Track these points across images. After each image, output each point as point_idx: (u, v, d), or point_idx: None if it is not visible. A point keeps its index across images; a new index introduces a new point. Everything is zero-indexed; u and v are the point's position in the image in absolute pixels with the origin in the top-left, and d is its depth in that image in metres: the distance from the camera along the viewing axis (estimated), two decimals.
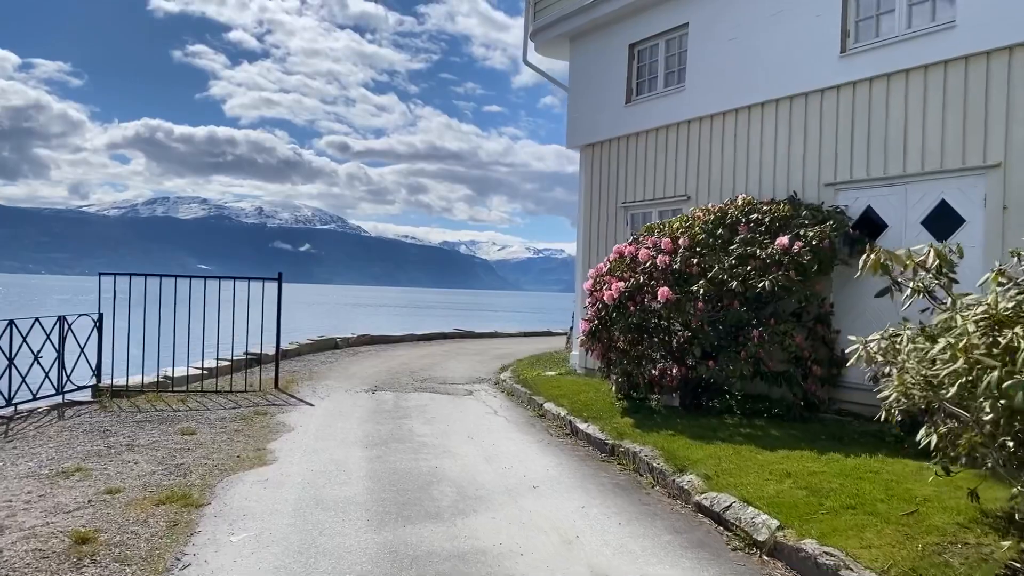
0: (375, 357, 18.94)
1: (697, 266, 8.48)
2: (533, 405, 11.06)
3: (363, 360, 18.10)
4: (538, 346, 24.27)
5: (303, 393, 12.12)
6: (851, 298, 8.99)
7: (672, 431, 8.15)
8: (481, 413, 10.69)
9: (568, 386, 11.74)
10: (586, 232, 13.13)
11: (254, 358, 16.15)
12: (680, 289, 8.42)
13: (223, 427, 9.34)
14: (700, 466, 6.66)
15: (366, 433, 9.08)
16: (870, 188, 8.84)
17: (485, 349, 22.62)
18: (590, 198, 13.05)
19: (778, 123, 9.91)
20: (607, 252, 12.18)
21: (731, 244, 8.70)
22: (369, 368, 16.28)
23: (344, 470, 7.30)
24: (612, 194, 12.54)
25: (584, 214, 13.19)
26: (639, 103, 12.14)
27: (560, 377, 12.87)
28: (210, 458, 7.74)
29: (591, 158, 13.07)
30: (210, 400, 11.30)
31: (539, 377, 12.96)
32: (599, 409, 9.59)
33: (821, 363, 8.71)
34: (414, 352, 20.90)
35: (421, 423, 9.79)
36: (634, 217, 12.21)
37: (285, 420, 9.84)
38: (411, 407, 11.04)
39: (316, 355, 18.96)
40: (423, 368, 16.63)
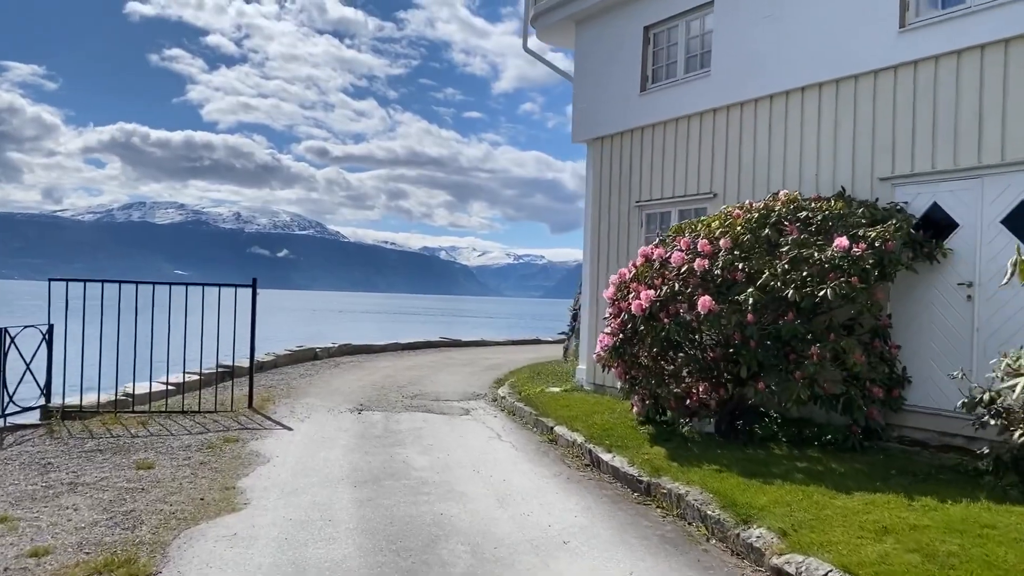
0: (358, 369, 17.62)
1: (743, 271, 7.28)
2: (541, 428, 9.82)
3: (345, 373, 16.76)
4: (530, 356, 23.03)
5: (280, 414, 10.79)
6: (911, 308, 7.83)
7: (716, 465, 6.93)
8: (483, 438, 9.42)
9: (578, 405, 10.50)
10: (594, 234, 11.91)
11: (226, 371, 14.81)
12: (723, 298, 7.21)
13: (187, 458, 8.01)
14: (768, 516, 5.44)
15: (354, 466, 7.78)
16: (936, 182, 7.69)
17: (474, 359, 21.35)
18: (599, 197, 11.84)
19: (822, 110, 8.75)
20: (619, 255, 11.00)
21: (778, 247, 7.51)
22: (352, 382, 14.96)
23: (330, 519, 6.00)
24: (625, 192, 11.34)
25: (592, 214, 11.98)
26: (656, 91, 10.96)
27: (567, 394, 11.63)
28: (168, 501, 6.42)
29: (600, 153, 11.86)
30: (174, 423, 9.94)
31: (543, 394, 11.71)
32: (621, 435, 8.35)
33: (879, 383, 7.54)
34: (399, 363, 19.59)
35: (417, 452, 8.51)
36: (650, 217, 11.02)
37: (259, 449, 8.52)
38: (403, 431, 9.75)
39: (294, 367, 17.61)
40: (411, 382, 15.34)
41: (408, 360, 20.53)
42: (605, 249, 11.65)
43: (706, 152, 10.10)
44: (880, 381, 7.55)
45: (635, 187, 11.15)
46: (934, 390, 7.60)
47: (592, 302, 11.84)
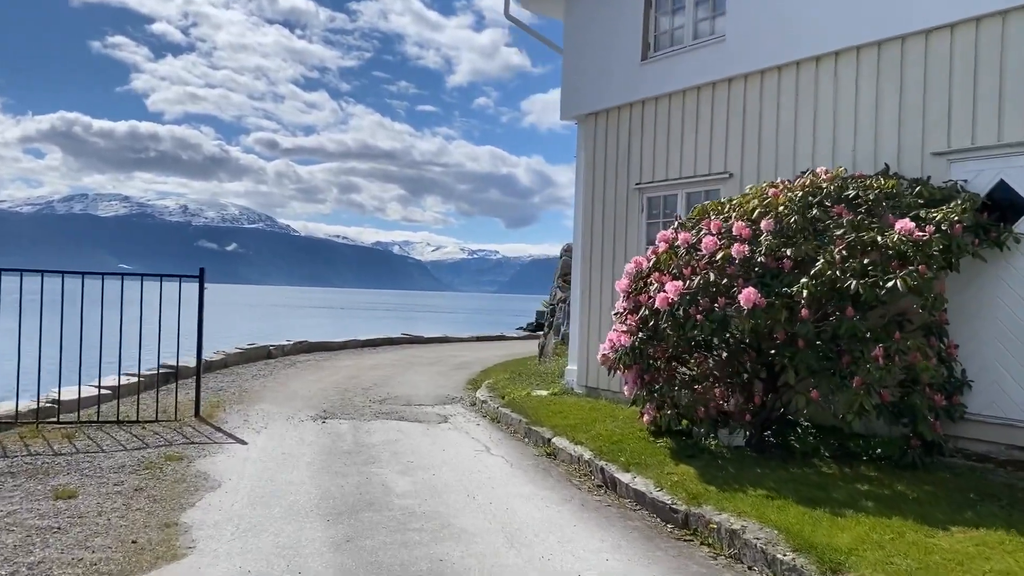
0: (317, 369, 16.21)
1: (791, 259, 6.14)
2: (535, 439, 8.61)
3: (303, 373, 15.36)
4: (499, 353, 21.84)
5: (232, 423, 9.40)
6: (971, 302, 6.81)
7: (763, 489, 5.80)
8: (470, 452, 8.18)
9: (574, 412, 9.33)
10: (587, 221, 10.72)
11: (170, 373, 13.33)
12: (767, 290, 6.07)
13: (119, 483, 6.62)
14: (862, 563, 4.31)
15: (324, 492, 6.47)
16: (1003, 157, 6.66)
17: (441, 357, 20.08)
18: (592, 179, 10.64)
19: (860, 76, 7.68)
20: (616, 244, 9.85)
21: (823, 231, 6.40)
22: (312, 384, 13.58)
23: (299, 571, 4.71)
24: (622, 174, 10.16)
25: (584, 200, 10.78)
26: (659, 60, 9.79)
27: (557, 399, 10.43)
28: (90, 545, 5.06)
29: (593, 131, 10.66)
30: (107, 435, 8.49)
31: (530, 399, 10.51)
32: (636, 450, 7.18)
33: (939, 388, 6.49)
34: (361, 361, 18.22)
35: (397, 471, 7.22)
36: (652, 201, 9.86)
37: (208, 469, 7.15)
38: (377, 444, 8.45)
39: (246, 367, 16.13)
40: (377, 383, 14.01)
41: (370, 358, 19.16)
42: (599, 237, 10.47)
43: (719, 127, 8.98)
44: (940, 386, 6.50)
45: (634, 168, 9.98)
46: (1000, 397, 6.59)
47: (584, 296, 10.68)
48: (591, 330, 10.50)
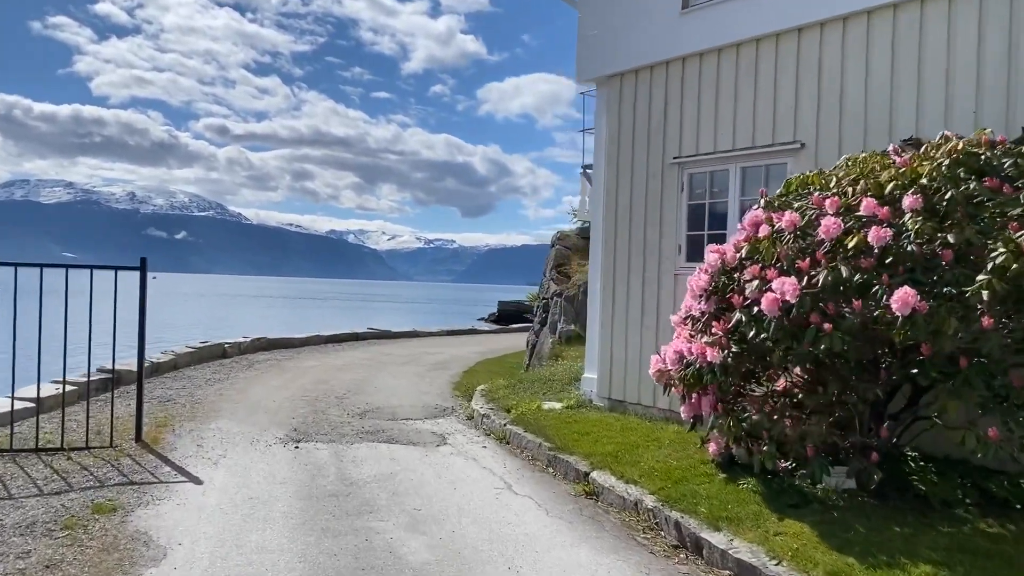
0: (279, 371, 14.33)
1: (952, 246, 4.54)
2: (562, 469, 6.94)
3: (264, 376, 13.47)
4: (475, 350, 20.15)
5: (183, 450, 7.56)
6: None
7: (926, 563, 4.21)
8: (488, 491, 6.47)
9: (603, 432, 7.68)
10: (609, 202, 9.03)
11: (109, 377, 11.42)
12: (923, 290, 4.46)
13: (24, 550, 4.80)
14: None
15: (310, 566, 4.71)
16: None
17: (415, 355, 18.30)
18: (616, 154, 8.95)
19: (985, 18, 6.12)
20: (647, 228, 8.23)
21: (985, 209, 4.82)
22: (276, 391, 11.73)
23: None
24: (656, 146, 8.50)
25: (607, 177, 9.08)
26: (705, 8, 8.11)
27: (575, 413, 8.77)
28: None
29: (619, 95, 8.95)
30: (20, 471, 6.61)
31: (543, 414, 8.82)
32: (712, 494, 5.54)
33: None
34: (328, 361, 16.36)
35: (403, 526, 5.48)
36: (694, 179, 8.22)
37: (150, 526, 5.34)
38: (368, 479, 6.69)
39: (199, 369, 14.19)
40: (351, 389, 12.22)
41: (337, 357, 17.31)
42: (625, 222, 8.80)
43: (786, 88, 7.35)
44: None
45: (672, 139, 8.33)
46: None
47: (606, 292, 9.01)
48: (615, 333, 8.86)
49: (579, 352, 12.64)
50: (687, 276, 8.07)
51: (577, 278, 13.88)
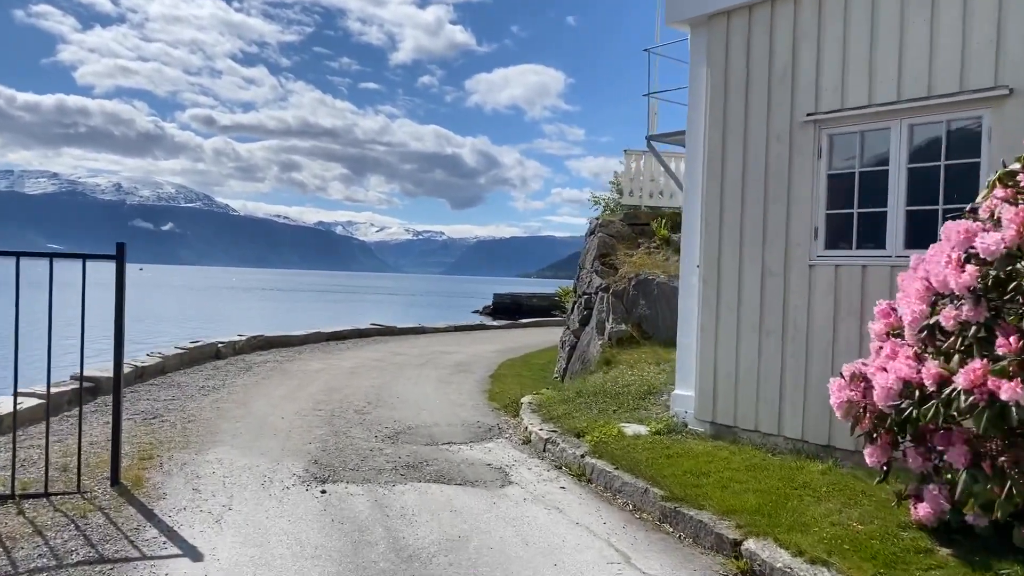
0: (282, 375, 12.47)
1: None
2: (689, 529, 5.11)
3: (266, 382, 11.61)
4: (492, 348, 18.35)
5: (174, 497, 5.69)
6: None
7: None
8: (600, 566, 4.64)
9: (729, 473, 5.87)
10: (713, 176, 7.14)
11: (88, 386, 9.62)
12: None
13: None
14: None
15: None
16: None
17: (430, 355, 16.48)
18: (724, 113, 7.06)
19: None
20: (767, 206, 6.48)
21: None
22: (283, 403, 9.88)
23: None
24: (781, 100, 6.62)
25: (709, 145, 7.18)
26: None
27: (671, 441, 6.91)
28: None
29: (727, 37, 7.05)
30: None
31: (627, 441, 6.97)
32: None
33: None
34: (335, 363, 14.50)
35: None
36: (836, 141, 6.35)
37: None
38: (430, 548, 4.83)
39: (190, 373, 12.32)
40: (371, 400, 10.40)
41: (344, 358, 15.46)
42: (736, 199, 6.92)
43: (984, 10, 5.49)
44: None
45: (805, 89, 6.46)
46: None
47: (709, 290, 7.14)
48: (721, 340, 7.02)
49: (634, 357, 10.83)
50: (826, 268, 6.28)
51: (626, 270, 12.06)
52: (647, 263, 12.18)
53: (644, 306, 11.51)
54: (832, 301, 6.17)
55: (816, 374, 6.25)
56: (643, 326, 11.47)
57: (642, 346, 11.18)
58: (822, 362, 6.24)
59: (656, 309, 11.42)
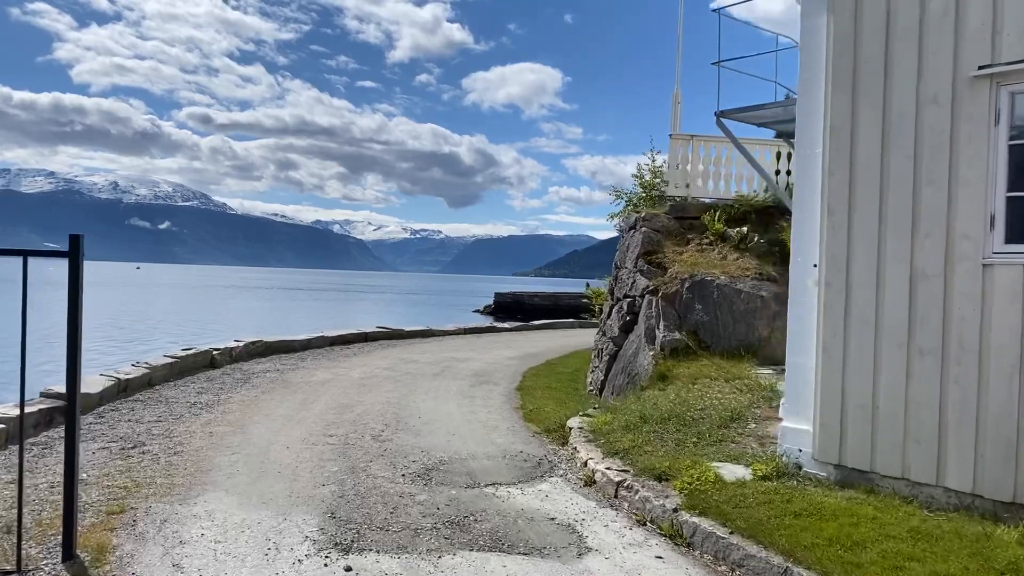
0: (285, 389, 10.97)
1: None
2: None
3: (267, 398, 10.10)
4: (509, 354, 16.87)
5: None
6: None
7: None
8: None
9: (890, 544, 4.37)
10: (839, 152, 5.54)
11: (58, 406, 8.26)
12: None
13: None
14: None
15: None
16: None
17: (444, 362, 15.01)
18: (853, 71, 5.51)
19: None
20: (918, 190, 4.97)
21: None
22: (288, 426, 8.38)
23: None
24: (938, 51, 5.06)
25: (832, 112, 5.59)
26: None
27: (793, 492, 5.39)
28: None
29: None
30: None
31: (729, 489, 5.46)
32: None
33: None
34: (342, 372, 13.00)
35: None
36: (1020, 102, 4.87)
37: None
38: None
39: (180, 386, 10.85)
40: (389, 421, 8.93)
41: (351, 366, 13.98)
42: (872, 180, 5.34)
43: None
44: None
45: (976, 34, 4.92)
46: None
47: (835, 295, 5.58)
48: (850, 361, 5.48)
49: (693, 371, 9.32)
50: (1009, 267, 4.76)
51: (676, 270, 10.55)
52: (700, 262, 10.67)
53: (700, 311, 10.00)
54: (1020, 310, 4.66)
55: (994, 406, 4.75)
56: (700, 334, 9.97)
57: (700, 358, 9.67)
58: (1003, 391, 4.74)
59: (715, 315, 9.92)
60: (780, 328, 9.81)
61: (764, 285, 10.04)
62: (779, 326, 9.79)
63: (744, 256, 10.65)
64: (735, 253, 10.75)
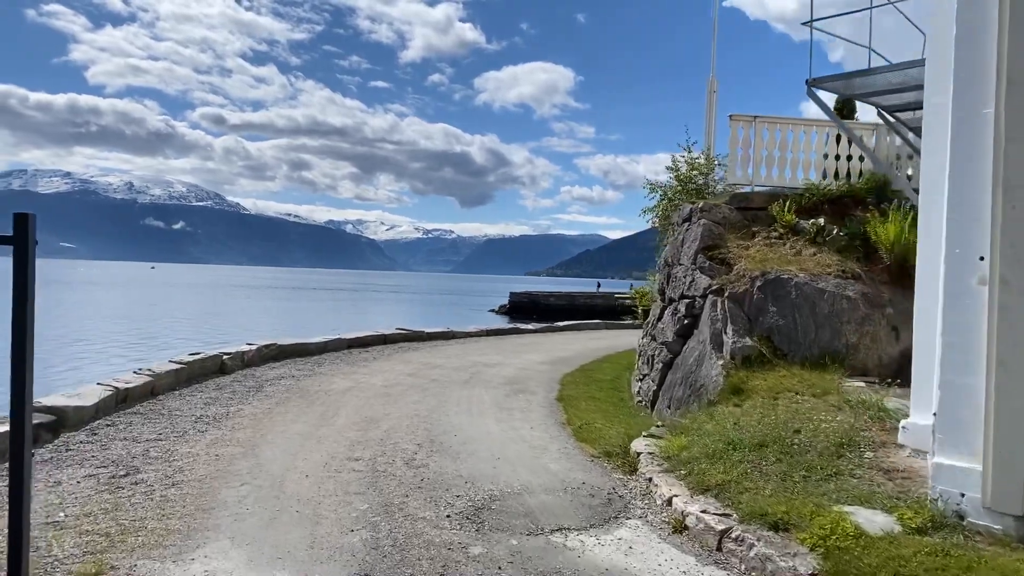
0: (302, 400, 9.79)
1: None
2: None
3: (282, 412, 8.92)
4: (538, 358, 15.68)
5: None
6: None
7: None
8: None
9: None
10: (1017, 116, 4.37)
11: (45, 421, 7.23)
12: None
13: None
14: None
15: None
16: None
17: (471, 367, 13.84)
18: None
19: None
20: None
21: None
22: (306, 447, 7.18)
23: None
24: None
25: (1009, 60, 4.38)
26: None
27: (966, 550, 4.16)
28: None
29: None
30: None
31: (876, 547, 4.22)
32: None
33: None
34: (363, 379, 11.83)
35: None
36: None
37: None
38: None
39: (186, 396, 9.71)
40: (422, 441, 7.72)
41: (372, 372, 12.81)
42: None
43: None
44: None
45: None
46: None
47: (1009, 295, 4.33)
48: None
49: (773, 383, 8.04)
50: None
51: (744, 267, 9.29)
52: (771, 257, 9.40)
53: (775, 314, 8.74)
54: None
55: None
56: (774, 340, 8.70)
57: (776, 368, 8.40)
58: None
59: (793, 318, 8.65)
60: (870, 334, 8.53)
61: (849, 284, 8.76)
62: (869, 331, 8.52)
63: (822, 251, 9.37)
64: (811, 248, 9.47)
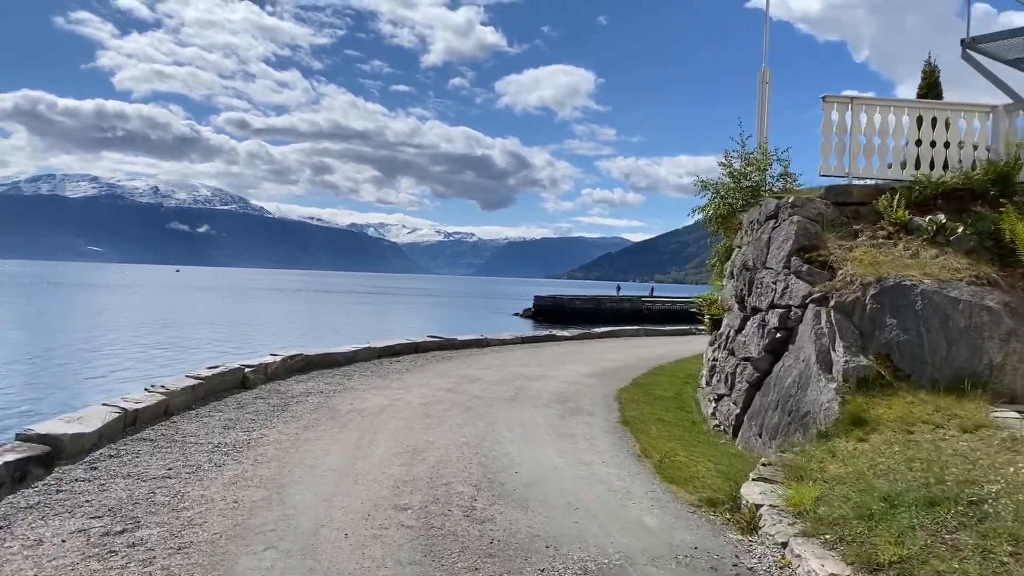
0: (333, 423, 8.54)
1: None
2: None
3: (311, 439, 7.64)
4: (583, 370, 14.40)
5: None
6: None
7: None
8: None
9: None
10: None
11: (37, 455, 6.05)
12: None
13: None
14: None
15: None
16: None
17: (514, 382, 12.57)
18: None
19: None
20: None
21: None
22: (343, 488, 5.90)
23: None
24: None
25: None
26: None
27: None
28: None
29: None
30: None
31: None
32: None
33: None
34: (398, 395, 10.59)
35: None
36: None
37: None
38: None
39: (204, 416, 8.56)
40: (478, 481, 6.43)
41: (407, 386, 11.61)
42: None
43: None
44: None
45: None
46: None
47: None
48: None
49: (901, 412, 6.61)
50: None
51: (851, 271, 7.86)
52: (883, 260, 7.97)
53: (894, 328, 7.31)
54: None
55: None
56: (894, 359, 7.27)
57: (899, 392, 6.97)
58: None
59: (919, 332, 7.22)
60: (1017, 352, 7.08)
61: (987, 292, 7.31)
62: (1016, 349, 7.06)
63: (945, 253, 7.93)
64: (931, 249, 8.04)
